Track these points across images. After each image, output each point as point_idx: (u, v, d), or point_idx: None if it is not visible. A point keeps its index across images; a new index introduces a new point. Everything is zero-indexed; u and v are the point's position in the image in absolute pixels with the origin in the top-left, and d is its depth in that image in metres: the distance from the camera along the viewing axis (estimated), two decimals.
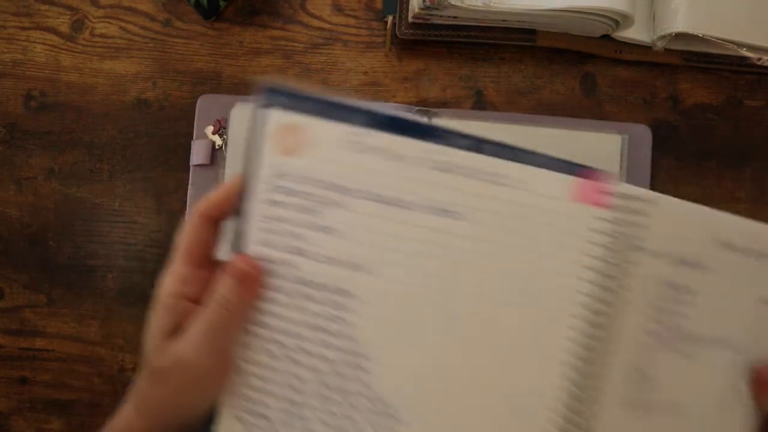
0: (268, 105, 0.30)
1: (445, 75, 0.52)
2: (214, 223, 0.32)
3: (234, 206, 0.31)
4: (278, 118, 0.30)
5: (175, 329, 0.31)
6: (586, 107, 0.51)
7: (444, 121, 0.48)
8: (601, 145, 0.48)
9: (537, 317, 0.32)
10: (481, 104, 0.51)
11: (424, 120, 0.32)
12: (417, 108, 0.49)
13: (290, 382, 0.32)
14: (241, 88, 0.51)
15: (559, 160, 0.31)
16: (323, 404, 0.32)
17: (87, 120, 0.52)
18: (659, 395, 0.35)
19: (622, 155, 0.48)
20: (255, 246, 0.31)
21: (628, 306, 0.33)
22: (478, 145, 0.31)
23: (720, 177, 0.51)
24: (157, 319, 0.31)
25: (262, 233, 0.31)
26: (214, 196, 0.32)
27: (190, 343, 0.30)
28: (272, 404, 0.32)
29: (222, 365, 0.32)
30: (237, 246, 0.31)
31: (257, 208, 0.31)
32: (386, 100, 0.51)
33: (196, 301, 0.31)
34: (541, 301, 0.32)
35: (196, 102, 0.50)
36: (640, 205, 0.32)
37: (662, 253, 0.33)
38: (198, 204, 0.32)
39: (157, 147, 0.51)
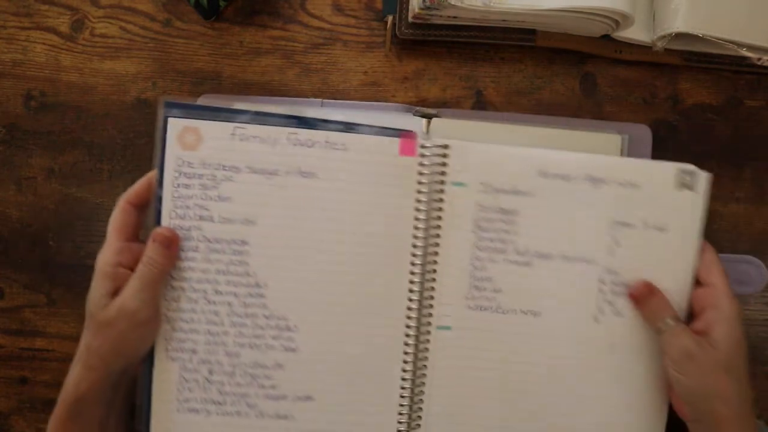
0: (170, 115, 0.41)
1: (445, 75, 0.52)
2: (138, 207, 0.42)
3: (153, 192, 0.42)
4: (178, 123, 0.42)
5: (115, 292, 0.39)
6: (586, 107, 0.51)
7: (444, 122, 0.48)
8: (601, 145, 0.48)
9: (384, 239, 0.43)
10: (481, 104, 0.51)
11: (284, 112, 0.43)
12: (417, 108, 0.49)
13: (209, 318, 0.42)
14: (241, 88, 0.51)
15: (386, 128, 0.43)
16: (237, 329, 0.43)
17: (87, 120, 0.52)
18: (509, 300, 0.44)
19: (622, 155, 0.48)
20: (171, 219, 0.42)
21: (456, 227, 0.43)
22: (323, 124, 0.43)
23: (720, 177, 0.51)
24: (98, 285, 0.39)
25: (176, 208, 0.42)
26: (136, 186, 0.42)
27: (129, 296, 0.39)
28: (198, 339, 0.42)
29: (155, 314, 0.41)
30: (158, 220, 0.42)
31: (170, 190, 0.42)
32: (386, 100, 0.51)
33: (130, 268, 0.40)
34: (386, 228, 0.43)
35: (196, 102, 0.50)
36: (443, 150, 0.43)
37: (475, 183, 0.43)
38: (124, 193, 0.42)
39: None
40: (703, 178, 0.43)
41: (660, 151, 0.50)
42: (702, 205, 0.43)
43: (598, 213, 0.43)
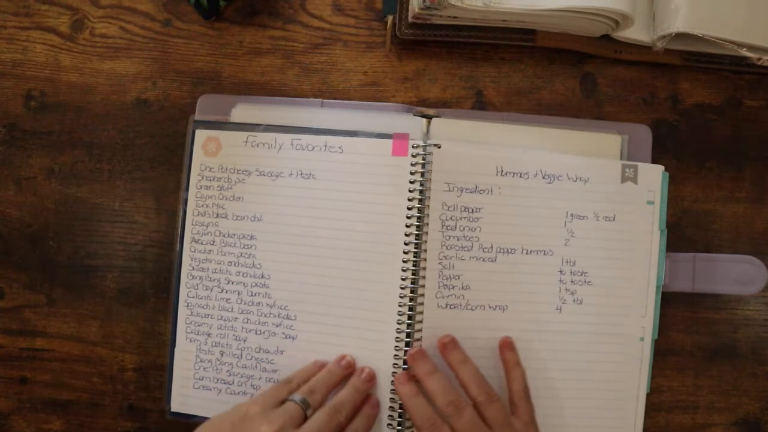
0: (196, 128, 0.48)
1: (445, 75, 0.52)
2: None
3: (180, 195, 0.48)
4: (202, 134, 0.48)
5: None
6: (586, 107, 0.51)
7: (444, 122, 0.48)
8: (601, 145, 0.48)
9: (378, 236, 0.45)
10: (481, 104, 0.51)
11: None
12: (417, 108, 0.49)
13: (221, 305, 0.47)
14: (241, 88, 0.51)
15: (380, 133, 0.46)
16: (244, 315, 0.47)
17: (87, 120, 0.52)
18: (477, 296, 0.45)
19: (622, 155, 0.48)
20: (194, 217, 0.48)
21: (430, 225, 0.45)
22: (322, 130, 0.47)
23: (720, 177, 0.51)
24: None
25: (198, 207, 0.48)
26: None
27: None
28: (211, 323, 0.47)
29: None
30: (183, 219, 0.48)
31: (194, 192, 0.48)
32: (386, 100, 0.51)
33: None
34: (380, 225, 0.45)
35: (196, 102, 0.50)
36: (431, 149, 0.45)
37: (446, 182, 0.45)
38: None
39: (157, 147, 0.51)
40: (643, 170, 0.47)
41: (660, 151, 0.50)
42: (644, 194, 0.46)
43: (554, 207, 0.46)
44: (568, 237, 0.46)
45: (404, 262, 0.45)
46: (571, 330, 0.46)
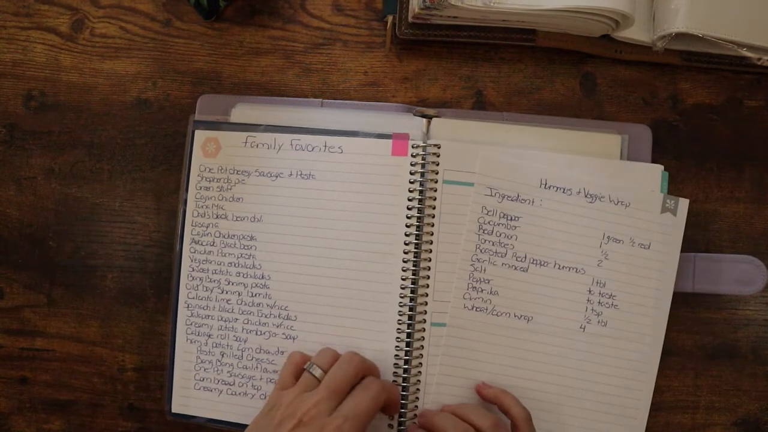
0: (195, 128, 0.48)
1: (445, 75, 0.52)
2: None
3: (180, 196, 0.48)
4: (201, 135, 0.48)
5: None
6: (586, 107, 0.51)
7: (444, 122, 0.48)
8: (601, 145, 0.48)
9: (377, 236, 0.46)
10: (481, 104, 0.51)
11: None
12: (417, 108, 0.49)
13: (222, 306, 0.47)
14: (241, 88, 0.51)
15: (379, 133, 0.46)
16: (244, 316, 0.47)
17: (87, 120, 0.52)
18: (504, 303, 0.46)
19: (622, 155, 0.48)
20: (192, 217, 0.48)
21: (456, 224, 0.45)
22: (321, 130, 0.47)
23: (720, 177, 0.51)
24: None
25: (198, 208, 0.48)
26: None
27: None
28: (212, 324, 0.48)
29: None
30: (183, 220, 0.48)
31: (193, 193, 0.48)
32: (386, 100, 0.51)
33: None
34: (380, 225, 0.46)
35: (196, 102, 0.50)
36: (436, 150, 0.46)
37: (483, 187, 0.46)
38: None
39: (157, 147, 0.51)
40: (683, 204, 0.47)
41: (660, 151, 0.50)
42: (681, 228, 0.47)
43: (592, 227, 0.46)
44: (601, 258, 0.46)
45: (404, 262, 0.45)
46: (591, 351, 0.46)
